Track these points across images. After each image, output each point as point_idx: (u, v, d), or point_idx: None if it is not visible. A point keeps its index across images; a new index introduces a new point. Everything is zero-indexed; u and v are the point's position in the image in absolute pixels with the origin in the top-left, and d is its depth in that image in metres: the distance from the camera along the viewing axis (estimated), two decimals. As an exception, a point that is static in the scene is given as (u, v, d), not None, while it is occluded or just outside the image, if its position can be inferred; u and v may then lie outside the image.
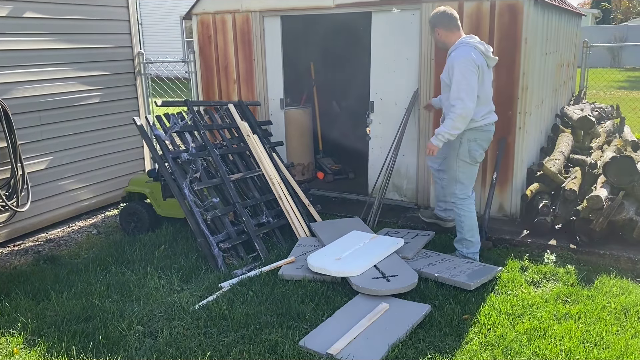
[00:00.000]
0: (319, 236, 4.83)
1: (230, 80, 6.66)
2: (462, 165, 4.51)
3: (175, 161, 4.64)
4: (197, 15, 6.66)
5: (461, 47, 4.39)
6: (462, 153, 4.49)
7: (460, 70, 4.24)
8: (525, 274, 4.36)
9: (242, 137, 5.39)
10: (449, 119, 4.33)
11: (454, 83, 4.27)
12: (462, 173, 4.52)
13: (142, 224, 5.42)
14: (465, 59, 4.26)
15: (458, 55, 4.31)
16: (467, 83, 4.25)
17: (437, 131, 4.39)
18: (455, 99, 4.27)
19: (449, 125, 4.32)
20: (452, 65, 4.31)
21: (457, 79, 4.25)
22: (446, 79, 4.44)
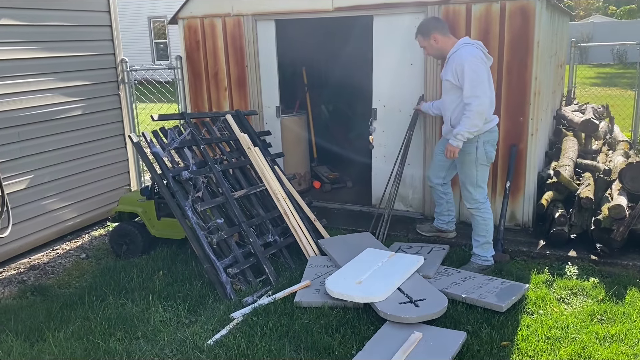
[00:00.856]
0: (330, 255, 4.54)
1: (221, 87, 6.31)
2: (481, 169, 4.41)
3: (176, 180, 4.28)
4: (184, 19, 6.28)
5: (465, 46, 4.27)
6: (480, 157, 4.38)
7: (471, 67, 4.13)
8: (552, 289, 4.16)
9: (241, 149, 5.06)
10: (466, 117, 4.20)
11: (466, 81, 4.16)
12: (481, 177, 4.44)
13: (135, 246, 5.03)
14: (474, 56, 4.18)
15: (465, 53, 4.20)
16: (480, 79, 4.16)
17: (456, 131, 4.24)
18: (470, 97, 4.16)
19: (467, 123, 4.18)
20: (460, 64, 4.19)
21: (470, 76, 4.14)
22: (453, 79, 4.29)
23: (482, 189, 4.47)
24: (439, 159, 4.84)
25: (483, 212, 4.47)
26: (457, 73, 4.23)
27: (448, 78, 4.33)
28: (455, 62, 4.24)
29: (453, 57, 4.30)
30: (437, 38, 4.39)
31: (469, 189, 4.46)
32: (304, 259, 4.72)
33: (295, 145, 6.50)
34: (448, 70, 4.33)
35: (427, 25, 4.46)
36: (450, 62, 4.34)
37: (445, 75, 4.40)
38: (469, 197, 4.48)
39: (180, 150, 4.47)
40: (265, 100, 6.19)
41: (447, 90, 4.43)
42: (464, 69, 4.16)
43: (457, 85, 4.29)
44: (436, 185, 4.94)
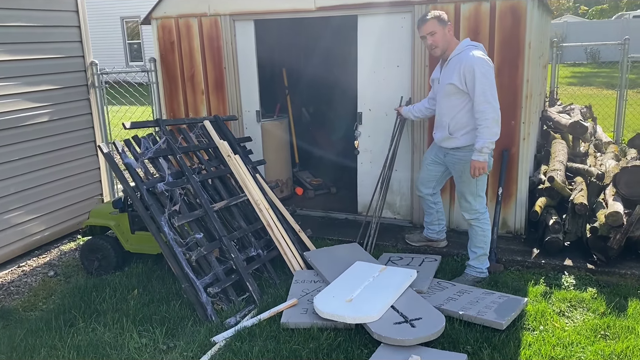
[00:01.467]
0: (317, 269, 4.28)
1: (198, 91, 6.00)
2: (481, 178, 4.21)
3: (151, 193, 3.97)
4: (158, 19, 5.95)
5: (471, 49, 4.02)
6: None
7: (482, 72, 3.88)
8: (550, 302, 3.97)
9: (221, 157, 4.77)
10: (484, 127, 3.93)
11: (477, 86, 3.89)
12: (480, 186, 4.24)
13: (108, 262, 4.71)
14: (484, 60, 3.93)
15: (474, 56, 3.93)
16: (491, 85, 3.93)
17: (478, 146, 3.96)
18: (483, 103, 3.91)
19: (487, 134, 3.94)
20: (470, 68, 3.91)
21: (481, 81, 3.88)
22: (459, 83, 4.01)
23: (482, 198, 4.27)
24: (429, 169, 4.60)
25: (483, 222, 4.27)
26: (466, 77, 3.95)
27: (452, 82, 4.03)
28: (462, 65, 3.95)
29: (458, 59, 4.02)
30: (451, 30, 4.15)
31: (468, 200, 4.24)
32: (289, 273, 4.46)
33: (276, 151, 6.23)
34: (452, 74, 4.04)
35: (442, 17, 4.12)
36: (452, 64, 4.06)
37: (447, 78, 4.09)
38: (468, 208, 4.26)
39: (155, 160, 4.16)
40: (245, 104, 5.90)
41: (449, 94, 4.12)
42: (474, 73, 3.88)
43: (462, 89, 4.01)
44: (426, 196, 4.72)
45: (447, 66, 4.12)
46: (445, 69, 4.13)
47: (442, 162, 4.47)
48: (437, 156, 4.49)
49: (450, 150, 4.28)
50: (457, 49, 4.05)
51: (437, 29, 4.06)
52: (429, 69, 4.97)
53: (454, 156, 4.27)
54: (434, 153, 4.54)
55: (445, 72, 4.14)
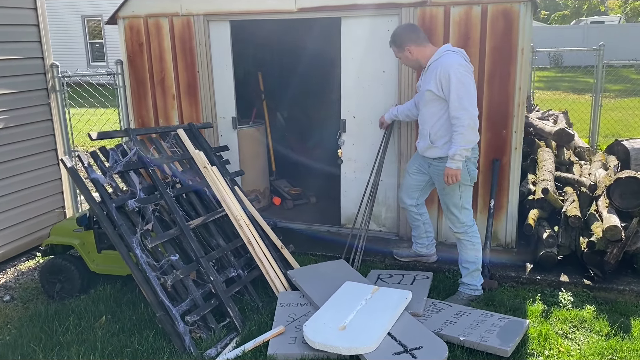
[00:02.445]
0: (303, 290, 3.97)
1: (169, 95, 5.61)
2: (465, 190, 4.01)
3: (121, 211, 3.58)
4: (125, 19, 5.53)
5: (448, 54, 3.84)
6: (464, 177, 3.95)
7: (457, 77, 3.70)
8: (551, 323, 3.77)
9: (196, 169, 4.40)
10: (458, 133, 3.74)
11: (452, 92, 3.72)
12: (465, 198, 4.04)
13: (72, 285, 4.29)
14: (460, 65, 3.76)
15: (450, 61, 3.77)
16: (467, 90, 3.74)
17: (452, 152, 3.78)
18: (458, 109, 3.73)
19: (461, 140, 3.74)
20: (445, 74, 3.75)
21: (456, 87, 3.71)
22: (436, 89, 3.84)
23: (468, 210, 4.06)
24: (413, 178, 4.37)
25: (471, 235, 4.05)
26: (442, 83, 3.78)
27: (430, 88, 3.86)
28: (439, 70, 3.79)
29: (435, 66, 3.86)
30: (412, 50, 3.98)
31: (454, 212, 4.03)
32: (272, 295, 4.14)
33: (253, 159, 5.89)
34: (429, 80, 3.87)
35: (400, 36, 4.02)
36: (431, 70, 3.90)
37: (425, 84, 3.94)
38: (455, 221, 4.05)
39: (125, 174, 3.77)
40: (220, 110, 5.54)
41: (427, 101, 3.96)
42: (450, 78, 3.72)
43: (439, 96, 3.85)
44: (409, 207, 4.47)
45: (426, 72, 3.97)
46: (424, 75, 3.98)
47: (426, 172, 4.26)
48: (422, 166, 4.28)
49: (433, 160, 4.09)
50: (435, 54, 3.89)
51: (398, 55, 4.10)
52: (417, 75, 4.71)
53: (437, 167, 4.06)
54: (418, 162, 4.32)
55: (424, 78, 3.99)
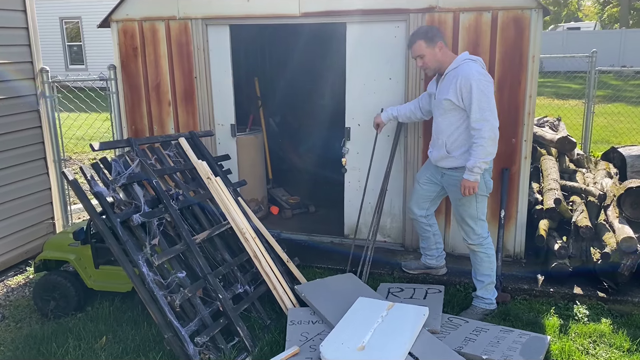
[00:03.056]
0: (314, 306, 3.81)
1: (164, 102, 5.40)
2: (481, 200, 3.91)
3: (125, 226, 3.38)
4: (118, 22, 5.32)
5: (468, 63, 3.72)
6: (481, 187, 3.85)
7: (479, 88, 3.60)
8: (571, 338, 3.67)
9: (199, 179, 4.22)
10: (479, 145, 3.64)
11: (474, 102, 3.61)
12: (481, 209, 3.93)
13: (67, 302, 4.06)
14: (481, 74, 3.66)
15: (472, 70, 3.65)
16: (488, 101, 3.64)
17: (471, 164, 3.67)
18: (479, 121, 3.62)
19: (481, 153, 3.64)
20: (467, 83, 3.63)
21: (478, 98, 3.60)
22: (455, 99, 3.71)
23: (484, 221, 3.95)
24: (423, 188, 4.25)
25: (486, 247, 3.95)
26: (462, 92, 3.67)
27: (449, 97, 3.74)
28: (459, 80, 3.67)
29: (454, 74, 3.74)
30: (442, 47, 3.82)
31: (469, 224, 3.91)
32: (280, 311, 3.98)
33: (251, 167, 5.71)
34: (449, 89, 3.75)
35: (432, 30, 3.86)
36: (449, 79, 3.77)
37: (443, 93, 3.81)
38: (470, 232, 3.93)
39: (129, 186, 3.57)
40: (218, 117, 5.36)
41: (446, 111, 3.84)
42: (471, 88, 3.61)
43: (459, 106, 3.73)
44: (419, 218, 4.35)
45: (443, 81, 3.82)
46: (442, 83, 3.83)
47: (438, 182, 4.13)
48: (434, 176, 4.15)
49: (448, 170, 3.96)
50: (454, 62, 3.76)
51: (425, 51, 3.82)
52: (425, 82, 4.60)
53: (452, 177, 3.94)
54: (429, 172, 4.19)
55: (441, 87, 3.84)
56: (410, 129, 4.75)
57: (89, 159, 9.08)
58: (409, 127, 4.75)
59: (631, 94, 16.75)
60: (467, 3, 4.39)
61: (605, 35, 28.08)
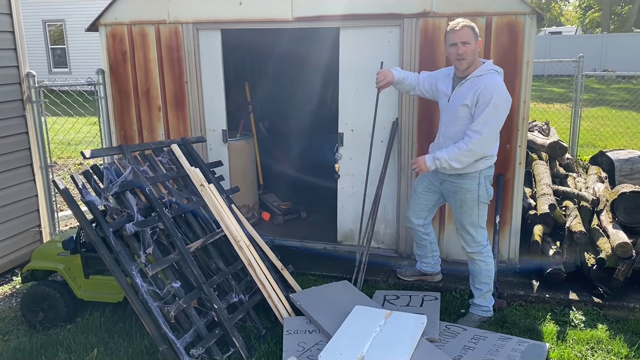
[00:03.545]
0: (310, 315, 3.75)
1: (154, 107, 5.32)
2: (483, 208, 3.87)
3: (117, 235, 3.30)
4: (107, 25, 5.22)
5: (495, 75, 3.64)
6: (482, 195, 3.82)
7: (496, 103, 3.53)
8: (569, 344, 3.66)
9: (191, 187, 4.14)
10: (457, 147, 3.62)
11: (483, 113, 3.54)
12: (482, 217, 3.89)
13: (56, 313, 3.95)
14: (505, 93, 3.58)
15: (498, 85, 3.57)
16: (496, 120, 3.59)
17: (438, 155, 3.68)
18: (475, 131, 3.57)
19: (454, 154, 3.62)
20: (488, 93, 3.54)
21: (489, 112, 3.53)
22: (471, 105, 3.62)
23: (484, 229, 3.92)
24: (421, 197, 4.19)
25: (486, 255, 3.92)
26: (478, 100, 3.56)
27: (466, 102, 3.62)
28: (482, 88, 3.55)
29: (476, 82, 3.62)
30: (479, 46, 3.71)
31: (469, 231, 3.88)
32: (275, 320, 3.92)
33: (243, 173, 5.64)
34: (467, 95, 3.63)
35: (475, 29, 3.71)
36: (470, 85, 3.64)
37: (461, 99, 3.66)
38: (470, 240, 3.90)
39: (121, 194, 3.48)
40: (209, 123, 5.29)
41: (459, 117, 3.70)
42: (489, 101, 3.50)
43: (471, 113, 3.64)
44: (417, 227, 4.30)
45: (462, 85, 3.70)
46: (461, 88, 3.71)
47: (437, 189, 4.08)
48: (432, 183, 4.10)
49: (450, 177, 3.89)
50: (479, 69, 3.64)
51: (471, 39, 3.61)
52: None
53: (454, 184, 3.89)
54: (427, 180, 4.13)
55: (460, 91, 3.71)
56: (404, 134, 4.72)
57: (75, 164, 8.93)
58: (402, 132, 4.72)
59: (614, 97, 16.94)
60: (462, 8, 4.38)
61: (587, 40, 28.47)
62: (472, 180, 3.76)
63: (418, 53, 4.53)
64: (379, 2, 4.52)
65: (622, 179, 6.46)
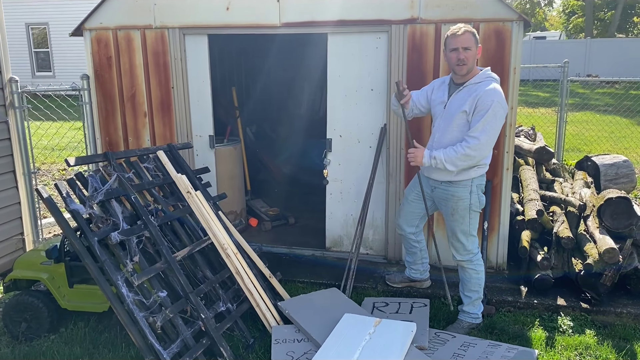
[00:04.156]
0: (299, 324, 3.71)
1: (140, 112, 5.26)
2: (474, 216, 3.85)
3: (103, 244, 3.24)
4: (92, 30, 5.16)
5: (494, 83, 3.63)
6: (474, 203, 3.81)
7: (495, 111, 3.52)
8: (557, 350, 3.67)
9: (178, 194, 4.09)
10: (455, 151, 3.59)
11: (481, 121, 3.52)
12: (473, 224, 3.87)
13: (39, 323, 3.87)
14: (503, 101, 3.59)
15: (498, 93, 3.56)
16: (493, 127, 3.58)
17: (435, 153, 3.65)
18: (473, 136, 3.55)
19: (450, 156, 3.60)
20: (488, 101, 3.53)
21: (489, 119, 3.52)
22: (469, 112, 3.59)
23: (475, 237, 3.90)
24: (412, 205, 4.15)
25: (476, 264, 3.90)
26: (476, 107, 3.54)
27: (465, 109, 3.60)
28: (481, 94, 3.54)
29: (475, 88, 3.60)
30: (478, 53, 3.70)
31: (460, 239, 3.86)
32: (262, 327, 3.88)
33: (230, 179, 5.60)
34: (466, 101, 3.60)
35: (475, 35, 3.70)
36: (468, 92, 3.62)
37: (460, 105, 3.62)
38: (460, 248, 3.88)
39: (106, 202, 3.42)
40: (196, 129, 5.24)
41: (457, 124, 3.66)
42: (489, 108, 3.49)
43: (469, 120, 3.61)
44: (408, 235, 4.28)
45: (460, 92, 3.66)
46: (458, 95, 3.67)
47: (428, 197, 4.05)
48: (424, 190, 4.07)
49: (442, 184, 3.85)
50: (477, 76, 3.63)
51: (472, 45, 3.59)
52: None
53: (446, 191, 3.85)
54: (418, 188, 4.07)
55: (457, 98, 3.67)
56: (392, 140, 4.71)
57: (59, 170, 8.80)
58: (391, 138, 4.71)
59: (598, 102, 17.16)
60: (449, 15, 4.39)
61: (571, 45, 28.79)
62: (465, 189, 3.75)
63: (406, 59, 4.53)
64: (367, 8, 4.51)
65: (608, 184, 6.52)
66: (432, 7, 4.40)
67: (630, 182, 6.62)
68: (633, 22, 36.12)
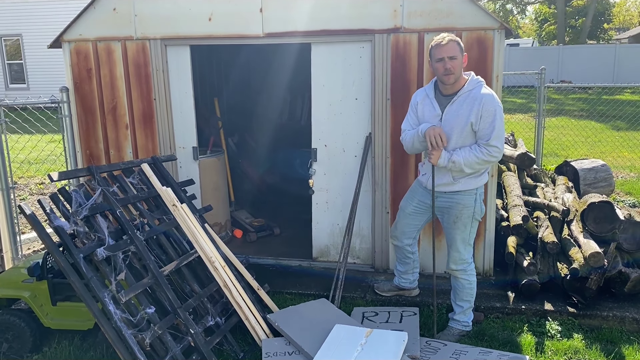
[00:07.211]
0: (289, 336, 3.67)
1: (121, 125, 5.18)
2: (475, 225, 3.89)
3: (89, 260, 3.16)
4: (71, 42, 5.08)
5: (485, 87, 3.67)
6: (477, 212, 3.84)
7: (501, 116, 3.61)
8: (547, 356, 3.69)
9: (163, 207, 4.03)
10: (475, 155, 3.60)
11: (495, 129, 3.56)
12: (472, 234, 3.91)
13: (22, 344, 3.76)
14: (501, 108, 3.64)
15: (494, 98, 3.63)
16: (502, 132, 3.65)
17: (455, 158, 3.61)
18: (493, 145, 3.58)
19: (470, 161, 3.60)
20: (491, 108, 3.56)
21: (499, 125, 3.59)
22: (475, 122, 3.58)
23: (471, 247, 3.91)
24: (410, 218, 4.10)
25: (469, 274, 3.90)
26: (482, 116, 3.54)
27: (472, 120, 3.58)
28: (483, 101, 3.54)
29: (472, 97, 3.59)
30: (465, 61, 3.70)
31: (459, 248, 3.85)
32: (251, 340, 3.84)
33: (214, 191, 5.54)
34: (469, 112, 3.57)
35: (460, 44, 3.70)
36: (468, 101, 3.60)
37: (465, 116, 3.58)
38: (457, 258, 3.87)
39: (91, 218, 3.34)
40: (179, 140, 5.18)
41: (463, 136, 3.63)
42: (494, 112, 3.54)
43: (475, 130, 3.61)
44: (405, 246, 4.26)
45: (455, 102, 3.64)
46: (454, 105, 3.64)
47: (427, 209, 3.99)
48: (422, 202, 3.99)
49: (446, 193, 3.81)
50: (468, 84, 3.63)
51: (457, 54, 3.58)
52: (391, 102, 4.61)
53: (451, 199, 3.81)
54: (417, 199, 4.02)
55: (453, 108, 3.64)
56: (377, 149, 4.71)
57: (36, 184, 8.61)
58: (376, 147, 4.71)
59: (572, 107, 17.48)
60: (432, 24, 4.42)
61: (544, 52, 29.38)
62: (470, 197, 3.75)
63: (389, 68, 4.55)
64: (350, 18, 4.52)
65: (587, 188, 6.63)
66: (415, 16, 4.43)
67: (609, 186, 6.74)
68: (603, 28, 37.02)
